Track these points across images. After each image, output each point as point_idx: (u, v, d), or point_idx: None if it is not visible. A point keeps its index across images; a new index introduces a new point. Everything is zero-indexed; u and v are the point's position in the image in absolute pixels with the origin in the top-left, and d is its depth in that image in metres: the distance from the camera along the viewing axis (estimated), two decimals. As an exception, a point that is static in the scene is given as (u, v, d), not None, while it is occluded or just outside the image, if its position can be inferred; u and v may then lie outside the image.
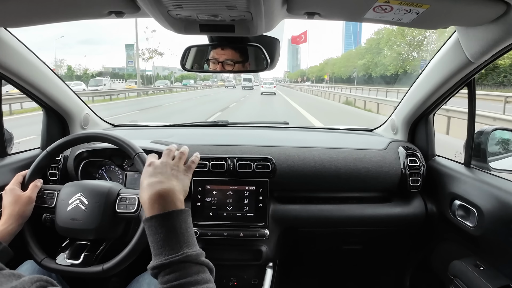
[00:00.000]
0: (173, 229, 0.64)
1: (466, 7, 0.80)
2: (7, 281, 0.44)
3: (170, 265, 0.60)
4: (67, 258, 0.95)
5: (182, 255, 0.61)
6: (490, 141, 1.20)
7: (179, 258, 0.61)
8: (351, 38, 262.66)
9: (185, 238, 0.64)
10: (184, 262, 0.61)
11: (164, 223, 0.64)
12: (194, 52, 1.10)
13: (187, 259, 0.61)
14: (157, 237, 0.63)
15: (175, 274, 0.60)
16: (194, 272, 0.61)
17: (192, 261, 0.61)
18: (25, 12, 0.86)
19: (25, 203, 0.96)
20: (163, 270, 0.61)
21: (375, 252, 1.64)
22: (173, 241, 0.62)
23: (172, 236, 0.63)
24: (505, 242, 1.00)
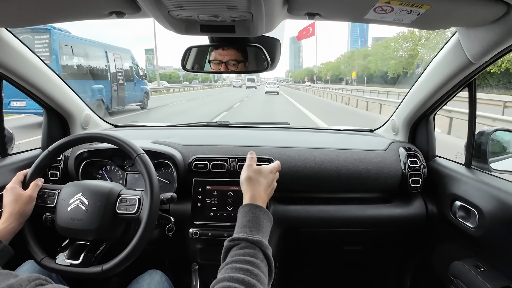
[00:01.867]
0: (257, 218, 0.78)
1: (467, 7, 0.80)
2: (5, 279, 0.45)
3: (244, 241, 0.71)
4: (67, 258, 0.95)
5: (256, 238, 0.72)
6: (491, 142, 1.19)
7: (253, 239, 0.71)
8: (357, 36, 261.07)
9: (263, 228, 0.77)
10: (255, 245, 0.71)
11: (253, 211, 0.79)
12: (194, 53, 1.10)
13: (259, 243, 0.71)
14: (243, 219, 0.77)
15: (244, 250, 0.69)
16: (259, 258, 0.69)
17: (262, 248, 0.71)
18: (26, 12, 0.86)
19: (26, 202, 0.96)
20: (237, 244, 0.71)
21: (375, 253, 1.64)
22: (253, 227, 0.75)
23: (255, 223, 0.76)
24: (506, 243, 1.00)
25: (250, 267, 0.65)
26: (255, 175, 0.88)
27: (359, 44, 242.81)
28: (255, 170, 0.90)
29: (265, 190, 0.87)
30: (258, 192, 0.85)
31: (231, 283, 0.61)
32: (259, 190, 0.85)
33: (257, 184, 0.86)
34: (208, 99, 23.10)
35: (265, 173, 0.90)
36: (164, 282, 1.07)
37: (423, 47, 48.11)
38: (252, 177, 0.87)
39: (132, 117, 11.19)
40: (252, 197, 0.83)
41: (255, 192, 0.84)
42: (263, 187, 0.87)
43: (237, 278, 0.62)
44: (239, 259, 0.67)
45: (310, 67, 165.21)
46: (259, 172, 0.89)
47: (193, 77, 65.95)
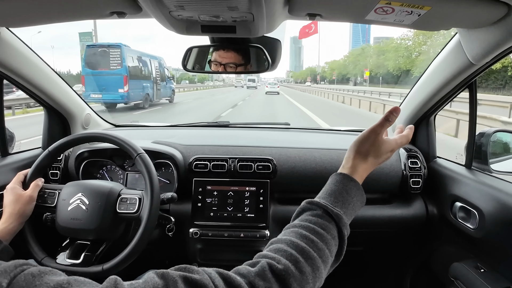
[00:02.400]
0: (347, 191, 0.67)
1: (468, 9, 0.80)
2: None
3: (323, 208, 0.62)
4: (67, 258, 0.95)
5: (336, 211, 0.62)
6: (491, 143, 1.19)
7: (333, 211, 0.62)
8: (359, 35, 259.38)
9: (350, 205, 0.66)
10: (331, 217, 0.62)
11: (347, 183, 0.67)
12: (195, 53, 1.10)
13: (337, 217, 0.62)
14: (332, 187, 0.67)
15: (317, 219, 0.61)
16: (331, 233, 0.60)
17: (338, 223, 0.62)
18: (27, 12, 0.86)
19: (26, 202, 0.96)
20: (313, 209, 0.63)
21: (375, 254, 1.64)
22: (339, 198, 0.65)
23: (343, 195, 0.66)
24: (506, 245, 1.00)
25: (316, 238, 0.58)
26: (370, 149, 0.71)
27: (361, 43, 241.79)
28: (375, 143, 0.72)
29: (369, 168, 0.72)
30: (361, 166, 0.71)
31: (290, 248, 0.55)
32: (364, 165, 0.71)
33: (365, 158, 0.71)
34: (214, 98, 25.07)
35: (383, 150, 0.72)
36: None
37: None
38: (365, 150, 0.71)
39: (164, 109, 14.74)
40: (352, 168, 0.70)
41: (358, 165, 0.71)
42: (370, 164, 0.72)
43: (297, 245, 0.56)
44: (308, 226, 0.59)
45: (312, 67, 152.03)
46: (378, 147, 0.72)
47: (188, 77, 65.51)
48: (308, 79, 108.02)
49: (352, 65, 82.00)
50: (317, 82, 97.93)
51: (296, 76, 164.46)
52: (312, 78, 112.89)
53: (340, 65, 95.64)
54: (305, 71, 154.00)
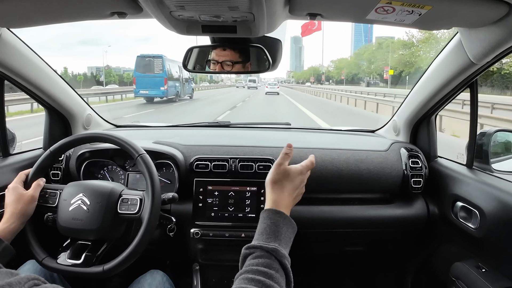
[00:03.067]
0: (276, 224, 0.73)
1: (468, 8, 0.80)
2: (4, 277, 0.45)
3: (259, 249, 0.67)
4: (68, 258, 0.95)
5: (272, 246, 0.68)
6: (493, 142, 1.19)
7: (268, 248, 0.67)
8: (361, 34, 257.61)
9: (281, 235, 0.72)
10: (270, 253, 0.67)
11: (272, 217, 0.74)
12: (196, 53, 1.10)
13: (274, 252, 0.67)
14: (261, 225, 0.73)
15: (257, 260, 0.66)
16: (274, 268, 0.65)
17: (277, 257, 0.67)
18: (27, 13, 0.86)
19: (28, 201, 0.96)
20: (252, 253, 0.68)
21: (376, 254, 1.63)
22: (270, 234, 0.71)
23: (272, 229, 0.72)
24: (507, 244, 0.99)
25: (262, 278, 0.62)
26: (281, 178, 0.80)
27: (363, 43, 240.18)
28: (282, 172, 0.81)
29: (289, 195, 0.79)
30: (281, 197, 0.78)
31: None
32: (283, 195, 0.79)
33: (281, 188, 0.79)
34: (224, 96, 28.07)
35: (293, 175, 0.81)
36: (165, 282, 1.07)
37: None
38: (277, 180, 0.80)
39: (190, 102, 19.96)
40: (274, 202, 0.77)
41: (277, 197, 0.78)
42: (287, 192, 0.79)
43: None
44: (251, 269, 0.64)
45: (315, 66, 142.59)
46: (286, 174, 0.81)
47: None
48: (311, 79, 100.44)
49: (366, 62, 71.82)
50: (321, 83, 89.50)
51: (298, 76, 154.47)
52: (316, 78, 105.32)
53: (349, 64, 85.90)
54: (307, 70, 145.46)
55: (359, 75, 79.42)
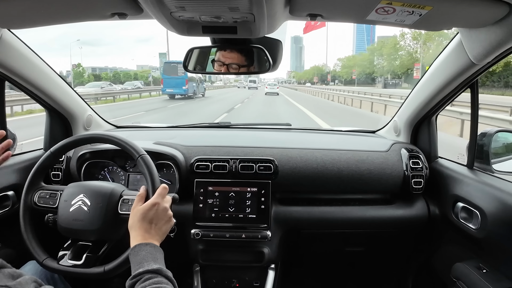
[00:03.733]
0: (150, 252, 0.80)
1: (469, 8, 0.80)
2: (7, 280, 0.46)
3: (145, 273, 0.74)
4: (69, 259, 0.95)
5: (156, 267, 0.75)
6: (493, 143, 1.19)
7: (153, 269, 0.75)
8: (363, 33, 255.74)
9: (158, 261, 0.79)
10: (156, 273, 0.75)
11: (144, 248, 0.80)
12: (196, 54, 1.10)
13: (159, 271, 0.75)
14: (137, 258, 0.78)
15: (148, 281, 0.73)
16: (164, 283, 0.74)
17: (163, 274, 0.75)
18: (28, 14, 0.86)
19: None
20: (139, 279, 0.74)
21: (377, 254, 1.63)
22: (149, 259, 0.78)
23: (149, 257, 0.78)
24: (508, 245, 0.99)
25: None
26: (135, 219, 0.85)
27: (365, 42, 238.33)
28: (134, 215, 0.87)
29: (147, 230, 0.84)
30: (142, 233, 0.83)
31: None
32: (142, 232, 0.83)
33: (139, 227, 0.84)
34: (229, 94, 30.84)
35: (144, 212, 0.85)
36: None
37: None
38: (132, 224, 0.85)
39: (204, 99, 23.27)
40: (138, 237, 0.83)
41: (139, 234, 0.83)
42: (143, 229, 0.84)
43: None
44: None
45: (319, 66, 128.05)
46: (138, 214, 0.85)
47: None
48: (315, 79, 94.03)
49: (385, 59, 58.03)
50: (326, 83, 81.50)
51: (299, 76, 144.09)
52: (320, 78, 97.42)
53: (361, 61, 71.67)
54: (310, 70, 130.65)
55: (374, 74, 65.07)
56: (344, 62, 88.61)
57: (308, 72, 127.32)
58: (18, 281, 0.45)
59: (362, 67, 71.65)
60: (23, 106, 11.86)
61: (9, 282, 0.45)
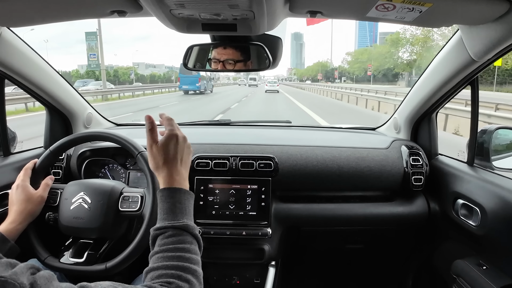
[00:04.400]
0: (179, 201, 0.74)
1: (469, 5, 0.79)
2: (5, 269, 0.47)
3: (170, 228, 0.70)
4: (71, 257, 0.96)
5: (182, 223, 0.71)
6: (493, 140, 1.19)
7: (180, 225, 0.71)
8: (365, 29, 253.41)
9: (187, 212, 0.74)
10: (182, 229, 0.70)
11: (173, 195, 0.75)
12: (196, 51, 1.10)
13: (185, 227, 0.71)
14: (165, 205, 0.73)
15: (172, 238, 0.69)
16: (188, 241, 0.70)
17: (189, 231, 0.71)
18: (27, 12, 0.86)
19: (38, 202, 0.96)
20: (164, 233, 0.70)
21: (377, 251, 1.64)
22: (177, 211, 0.73)
23: (178, 207, 0.73)
24: (508, 241, 0.99)
25: (181, 253, 0.67)
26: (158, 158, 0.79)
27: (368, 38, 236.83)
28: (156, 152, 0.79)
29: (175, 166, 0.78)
30: (170, 172, 0.77)
31: (166, 270, 0.63)
32: (170, 171, 0.77)
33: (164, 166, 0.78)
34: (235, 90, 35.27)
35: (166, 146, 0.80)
36: None
37: None
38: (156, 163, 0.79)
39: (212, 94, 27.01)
40: (167, 178, 0.77)
41: (167, 175, 0.77)
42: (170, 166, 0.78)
43: (171, 265, 0.64)
44: (168, 248, 0.67)
45: (323, 61, 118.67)
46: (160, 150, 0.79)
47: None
48: (319, 76, 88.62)
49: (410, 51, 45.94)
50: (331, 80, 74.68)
51: (301, 73, 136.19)
52: (324, 75, 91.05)
53: (379, 55, 58.15)
54: (313, 66, 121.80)
55: (395, 69, 52.49)
56: (355, 56, 76.96)
57: (311, 69, 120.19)
58: (13, 271, 0.46)
59: (379, 62, 59.21)
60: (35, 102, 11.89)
61: (5, 272, 0.45)
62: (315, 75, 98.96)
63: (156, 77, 67.38)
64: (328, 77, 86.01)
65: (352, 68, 77.25)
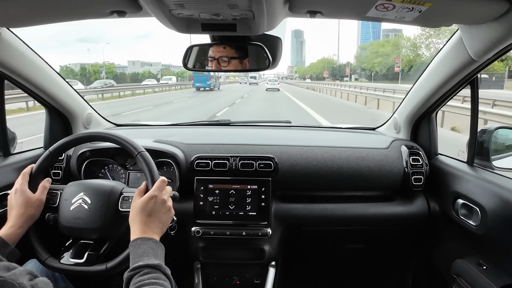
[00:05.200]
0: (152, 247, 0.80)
1: (468, 5, 0.79)
2: (2, 271, 0.47)
3: (145, 267, 0.75)
4: (71, 257, 0.95)
5: (156, 263, 0.76)
6: (493, 139, 1.19)
7: (154, 264, 0.76)
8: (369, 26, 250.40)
9: (159, 256, 0.80)
10: (156, 268, 0.75)
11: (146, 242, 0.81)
12: (196, 51, 1.10)
13: (159, 267, 0.76)
14: (138, 251, 0.79)
15: (147, 275, 0.73)
16: (162, 278, 0.75)
17: (162, 270, 0.76)
18: (27, 12, 0.86)
19: (37, 205, 0.96)
20: (138, 272, 0.74)
21: (377, 251, 1.64)
22: (150, 254, 0.78)
23: (150, 252, 0.79)
24: (508, 241, 1.00)
25: (157, 286, 0.71)
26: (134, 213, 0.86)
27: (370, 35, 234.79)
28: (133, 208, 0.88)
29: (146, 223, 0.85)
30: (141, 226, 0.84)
31: None
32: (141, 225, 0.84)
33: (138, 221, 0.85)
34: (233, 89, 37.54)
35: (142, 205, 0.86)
36: None
37: None
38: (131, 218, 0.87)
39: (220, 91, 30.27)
40: (141, 230, 0.83)
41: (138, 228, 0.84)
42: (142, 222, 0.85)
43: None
44: (145, 282, 0.71)
45: (328, 58, 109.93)
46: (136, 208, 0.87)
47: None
48: (325, 74, 79.80)
49: None
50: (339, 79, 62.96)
51: (303, 71, 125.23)
52: (331, 73, 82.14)
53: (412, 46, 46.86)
54: (317, 63, 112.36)
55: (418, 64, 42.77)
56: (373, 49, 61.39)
57: (315, 66, 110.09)
58: (12, 272, 0.46)
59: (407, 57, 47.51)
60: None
61: (4, 273, 0.46)
62: (319, 73, 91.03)
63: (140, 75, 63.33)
64: (335, 75, 77.47)
65: (370, 63, 62.71)
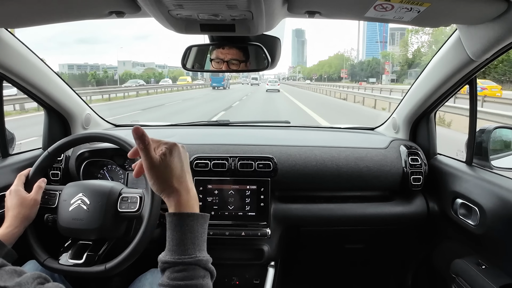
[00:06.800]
0: (191, 231, 0.66)
1: (467, 5, 0.79)
2: (10, 277, 0.46)
3: (181, 264, 0.63)
4: (70, 258, 0.95)
5: (194, 258, 0.64)
6: (492, 139, 1.19)
7: (191, 261, 0.63)
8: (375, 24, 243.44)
9: (199, 242, 0.66)
10: (193, 265, 0.63)
11: (184, 223, 0.65)
12: (195, 52, 1.10)
13: (197, 262, 0.64)
14: (175, 234, 0.65)
15: (182, 273, 0.62)
16: (200, 276, 0.63)
17: (201, 266, 0.64)
18: (26, 13, 0.86)
19: (31, 205, 0.95)
20: (173, 267, 0.63)
21: (377, 251, 1.64)
22: (188, 242, 0.65)
23: (189, 237, 0.65)
24: (507, 241, 1.00)
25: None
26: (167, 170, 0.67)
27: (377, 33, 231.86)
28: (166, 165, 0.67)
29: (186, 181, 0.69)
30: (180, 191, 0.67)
31: None
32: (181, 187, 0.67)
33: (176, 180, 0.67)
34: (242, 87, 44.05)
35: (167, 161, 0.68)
36: None
37: None
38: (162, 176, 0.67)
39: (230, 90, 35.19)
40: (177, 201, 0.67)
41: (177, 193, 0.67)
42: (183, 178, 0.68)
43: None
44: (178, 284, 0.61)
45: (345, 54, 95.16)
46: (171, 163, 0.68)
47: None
48: (343, 74, 68.52)
49: None
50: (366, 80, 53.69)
51: (309, 71, 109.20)
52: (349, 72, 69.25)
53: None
54: (330, 60, 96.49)
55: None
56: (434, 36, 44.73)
57: (328, 63, 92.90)
58: (18, 281, 0.45)
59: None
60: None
61: (10, 281, 0.45)
62: (333, 72, 75.61)
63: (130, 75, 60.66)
64: (356, 75, 65.14)
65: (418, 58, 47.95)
